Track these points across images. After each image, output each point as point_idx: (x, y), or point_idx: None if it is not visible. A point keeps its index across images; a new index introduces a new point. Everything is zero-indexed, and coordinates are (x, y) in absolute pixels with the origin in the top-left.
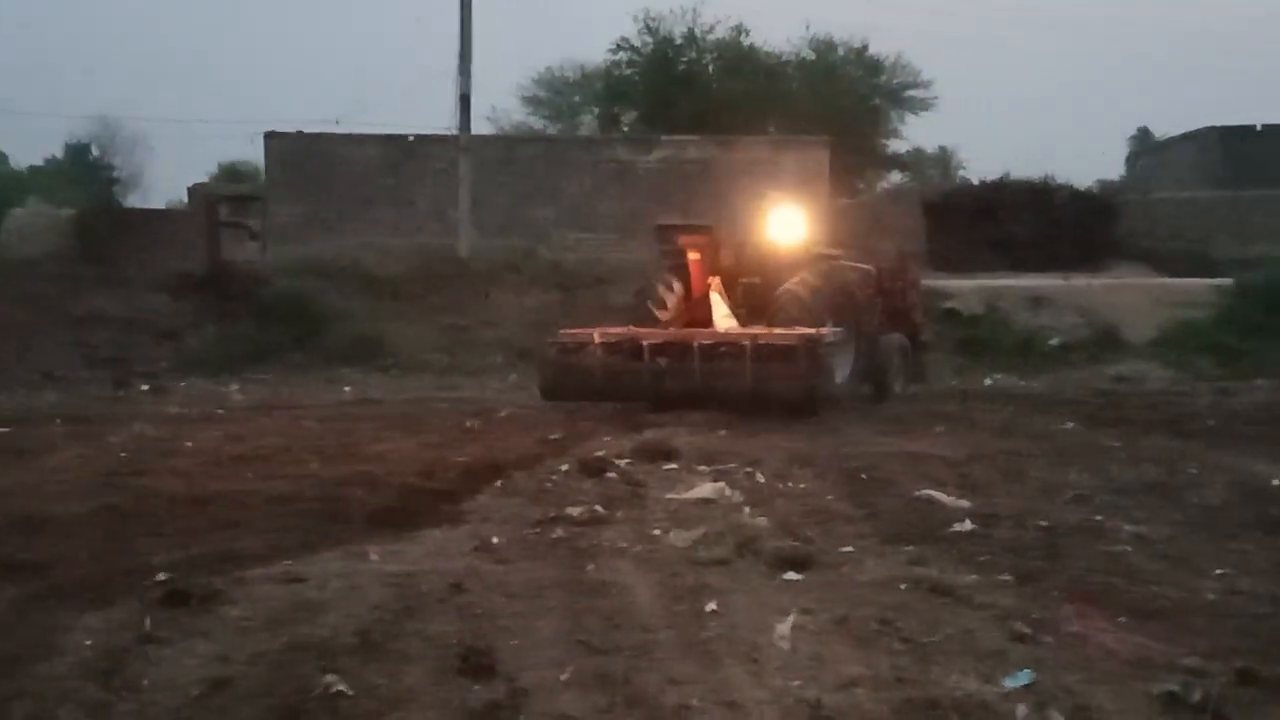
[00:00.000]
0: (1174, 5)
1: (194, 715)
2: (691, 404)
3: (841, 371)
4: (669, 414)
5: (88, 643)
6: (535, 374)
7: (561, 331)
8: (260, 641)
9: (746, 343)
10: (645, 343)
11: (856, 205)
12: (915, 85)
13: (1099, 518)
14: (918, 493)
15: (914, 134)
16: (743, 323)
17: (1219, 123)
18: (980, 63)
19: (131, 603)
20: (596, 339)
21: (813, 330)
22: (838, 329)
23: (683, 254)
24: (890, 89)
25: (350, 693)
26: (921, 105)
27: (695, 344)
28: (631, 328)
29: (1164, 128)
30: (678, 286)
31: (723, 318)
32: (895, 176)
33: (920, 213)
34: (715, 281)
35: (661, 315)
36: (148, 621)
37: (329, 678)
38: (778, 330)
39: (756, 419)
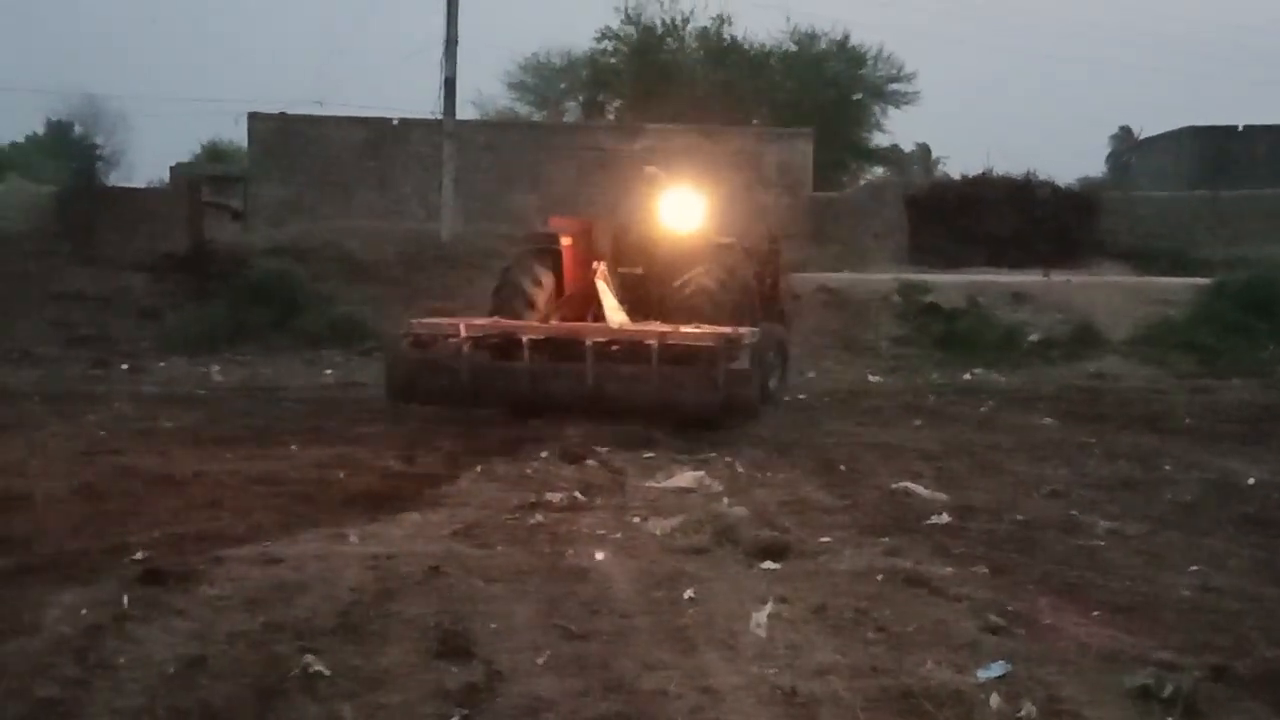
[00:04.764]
0: (1156, 8)
1: (170, 693)
2: (580, 413)
3: (759, 377)
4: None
5: (64, 620)
6: (383, 372)
7: (415, 321)
8: (238, 621)
9: (653, 342)
10: (524, 337)
11: (839, 199)
12: (898, 79)
13: (1074, 513)
14: (895, 485)
15: (896, 128)
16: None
17: (1200, 123)
18: (963, 60)
19: (109, 581)
20: (463, 331)
21: (729, 329)
22: (754, 329)
23: (553, 239)
24: (873, 82)
25: (328, 673)
26: (904, 99)
27: (588, 341)
28: (499, 320)
29: (1146, 127)
30: (547, 279)
31: (614, 310)
32: (877, 170)
33: (902, 207)
34: (600, 269)
35: (529, 312)
36: (125, 600)
37: (307, 658)
38: (687, 329)
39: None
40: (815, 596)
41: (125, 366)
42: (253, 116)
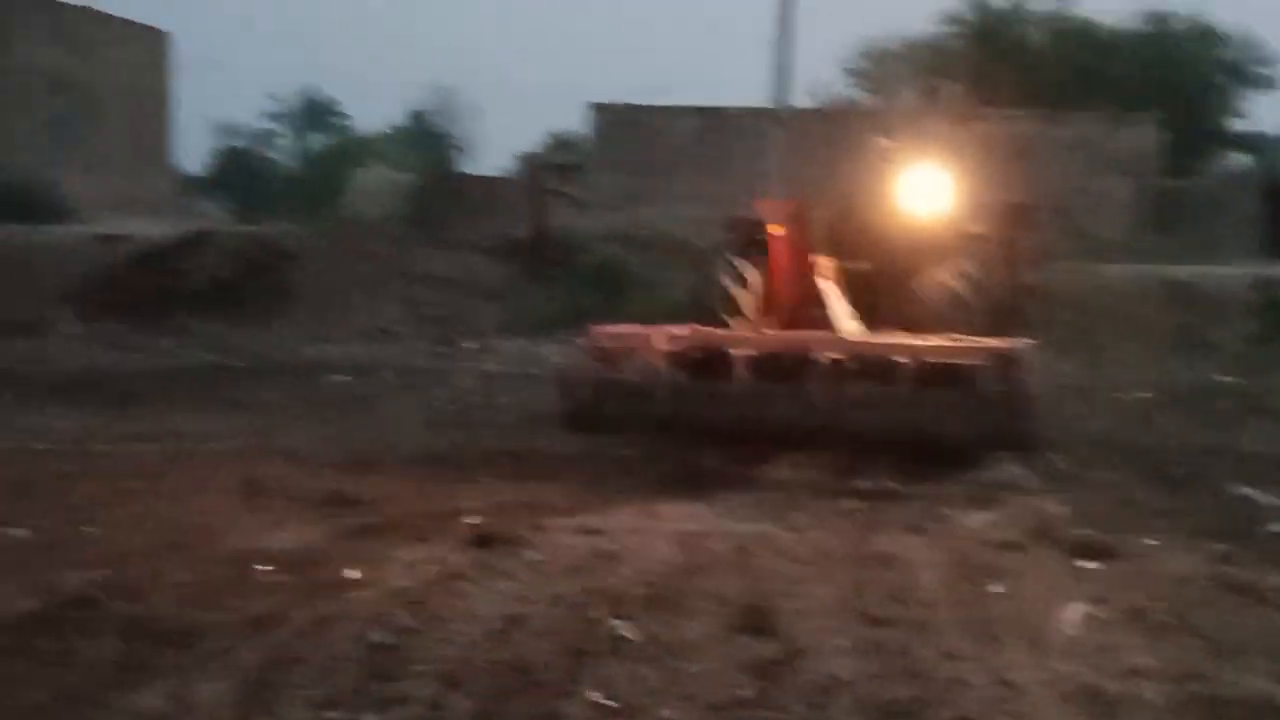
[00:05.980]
0: None
1: (491, 647)
2: (810, 444)
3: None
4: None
5: (403, 574)
6: (557, 391)
7: (598, 330)
8: (557, 585)
9: (904, 359)
10: (736, 352)
11: (1189, 187)
12: (1261, 62)
13: None
14: (1233, 490)
15: (1260, 113)
16: None
17: None
18: None
19: (444, 541)
20: (662, 344)
21: (998, 342)
22: (1029, 341)
23: (761, 228)
24: (1233, 65)
25: (636, 639)
26: (1267, 83)
27: (818, 356)
28: (698, 328)
29: None
30: (754, 277)
31: (845, 317)
32: (1236, 158)
33: (1260, 197)
34: (824, 265)
35: (734, 320)
36: (458, 560)
37: (617, 623)
38: (943, 342)
39: None
40: (1133, 598)
41: (470, 345)
42: (595, 107)
